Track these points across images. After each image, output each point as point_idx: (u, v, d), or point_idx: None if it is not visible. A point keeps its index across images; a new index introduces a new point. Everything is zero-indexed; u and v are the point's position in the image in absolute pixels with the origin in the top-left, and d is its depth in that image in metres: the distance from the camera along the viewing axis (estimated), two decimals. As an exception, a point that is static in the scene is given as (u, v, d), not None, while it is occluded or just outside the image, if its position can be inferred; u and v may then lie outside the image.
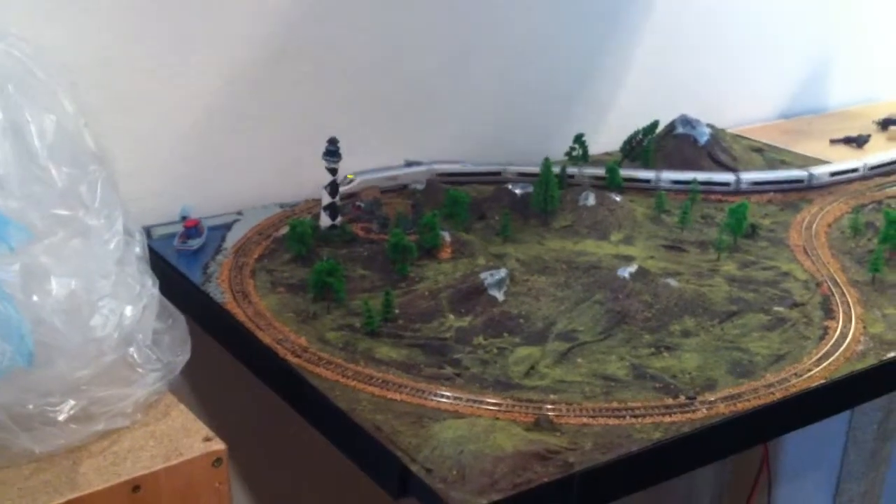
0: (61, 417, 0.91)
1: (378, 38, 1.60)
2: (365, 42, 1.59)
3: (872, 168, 1.71)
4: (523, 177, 1.61)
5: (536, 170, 1.53)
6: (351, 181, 1.44)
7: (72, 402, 0.92)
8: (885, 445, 1.75)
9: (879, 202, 1.60)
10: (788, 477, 2.16)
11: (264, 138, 1.53)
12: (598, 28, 1.84)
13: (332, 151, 1.35)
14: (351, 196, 1.48)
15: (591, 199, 1.52)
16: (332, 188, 1.37)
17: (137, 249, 1.04)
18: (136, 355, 0.97)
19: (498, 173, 1.63)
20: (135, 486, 0.89)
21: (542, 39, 1.79)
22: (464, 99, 1.72)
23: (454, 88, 1.71)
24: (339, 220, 1.40)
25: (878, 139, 1.96)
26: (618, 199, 1.54)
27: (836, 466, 1.85)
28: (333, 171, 1.36)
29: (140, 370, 0.97)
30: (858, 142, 1.90)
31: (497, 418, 1.00)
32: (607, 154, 1.81)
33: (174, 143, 1.45)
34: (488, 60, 1.73)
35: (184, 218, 1.40)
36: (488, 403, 1.02)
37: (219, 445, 0.94)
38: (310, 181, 1.46)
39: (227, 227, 1.42)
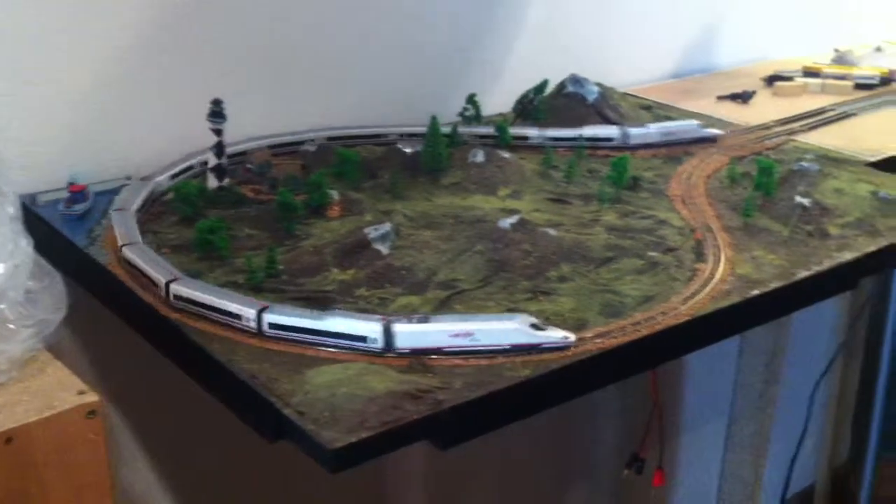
0: (-68, 374, 0.91)
1: (269, 1, 1.60)
2: (256, 6, 1.59)
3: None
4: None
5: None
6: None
7: (-57, 359, 0.92)
8: (771, 388, 1.83)
9: (758, 153, 1.66)
10: (688, 426, 2.24)
11: (154, 104, 1.53)
12: (490, -11, 1.88)
13: (217, 112, 1.36)
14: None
15: (481, 157, 1.55)
16: (218, 150, 1.38)
17: (11, 209, 1.04)
18: (8, 312, 0.98)
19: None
20: (7, 439, 0.90)
21: (434, 1, 1.81)
22: (356, 61, 1.74)
23: (346, 51, 1.72)
24: (226, 181, 1.41)
25: (763, 94, 2.03)
26: (507, 156, 1.57)
27: (728, 412, 1.93)
28: (218, 133, 1.37)
29: (12, 326, 0.97)
30: (744, 97, 1.97)
31: (372, 363, 1.03)
32: (501, 114, 1.84)
33: (63, 110, 1.45)
34: (380, 22, 1.75)
35: (70, 184, 1.40)
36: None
37: (92, 398, 0.95)
38: (202, 145, 1.47)
39: (116, 192, 1.42)
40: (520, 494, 2.14)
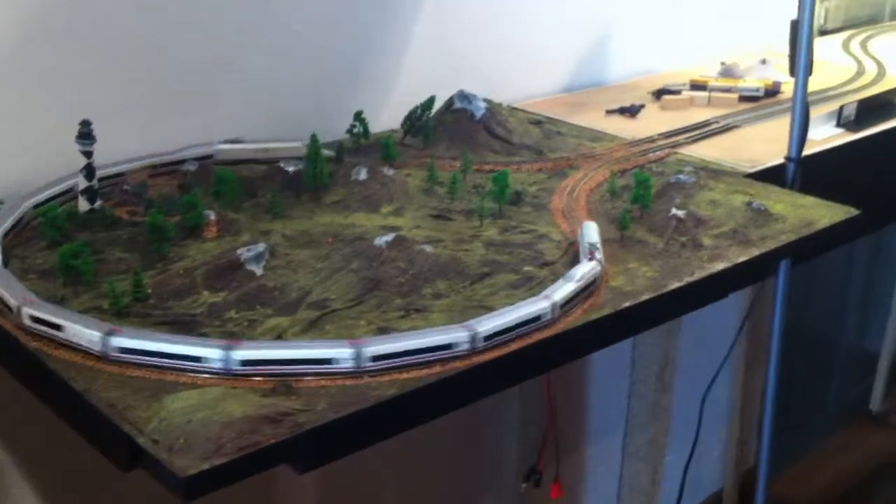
0: None
1: (147, 15, 1.58)
2: (133, 21, 1.57)
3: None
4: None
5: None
6: None
7: None
8: (664, 396, 1.85)
9: (641, 167, 1.69)
10: (589, 437, 2.25)
11: (27, 124, 1.49)
12: (378, 4, 1.87)
13: (86, 134, 1.33)
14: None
15: (364, 174, 1.55)
16: (88, 172, 1.35)
17: None
18: None
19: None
20: None
21: (321, 17, 1.80)
22: (242, 79, 1.72)
23: (232, 68, 1.70)
24: (98, 203, 1.37)
25: (651, 108, 2.06)
26: (390, 172, 1.57)
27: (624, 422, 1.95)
28: (88, 154, 1.34)
29: None
30: (632, 111, 1.99)
31: (234, 387, 1.01)
32: (392, 131, 1.84)
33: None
34: (267, 38, 1.73)
35: (-66, 209, 1.35)
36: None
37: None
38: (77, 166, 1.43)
39: (-15, 215, 1.38)
40: (423, 511, 2.13)
